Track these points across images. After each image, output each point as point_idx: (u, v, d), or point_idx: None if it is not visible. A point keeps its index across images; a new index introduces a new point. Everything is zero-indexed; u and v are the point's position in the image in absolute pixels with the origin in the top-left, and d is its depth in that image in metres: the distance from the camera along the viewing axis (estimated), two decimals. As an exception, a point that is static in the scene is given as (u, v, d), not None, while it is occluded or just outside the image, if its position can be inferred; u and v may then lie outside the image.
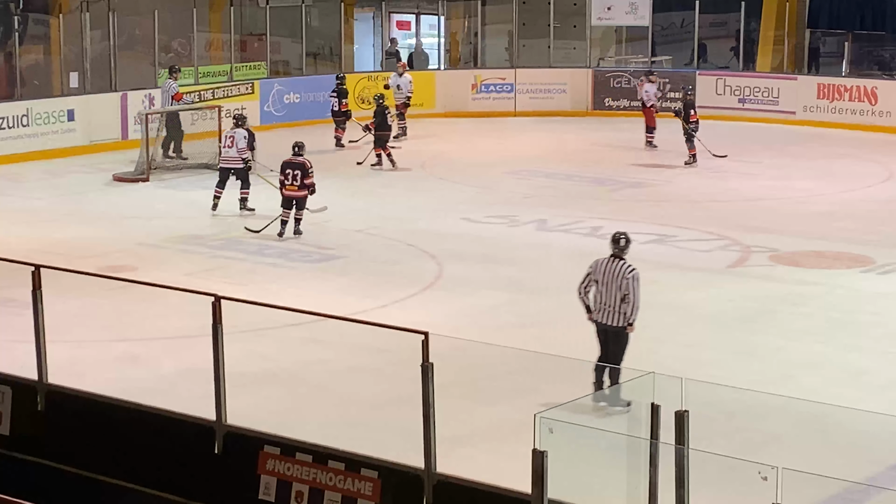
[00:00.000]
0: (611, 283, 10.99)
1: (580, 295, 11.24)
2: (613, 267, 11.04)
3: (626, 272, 10.97)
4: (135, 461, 9.73)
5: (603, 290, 11.01)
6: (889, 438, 9.61)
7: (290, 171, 17.48)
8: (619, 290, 10.95)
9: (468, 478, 8.46)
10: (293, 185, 17.43)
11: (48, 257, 14.69)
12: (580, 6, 30.04)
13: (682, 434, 7.80)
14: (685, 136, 22.71)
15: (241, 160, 18.94)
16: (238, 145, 18.98)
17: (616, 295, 10.96)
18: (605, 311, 11.04)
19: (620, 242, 11.15)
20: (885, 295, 14.57)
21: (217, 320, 9.27)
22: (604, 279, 11.03)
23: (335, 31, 29.47)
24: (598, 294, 11.07)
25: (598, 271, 11.11)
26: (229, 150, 19.12)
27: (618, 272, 10.99)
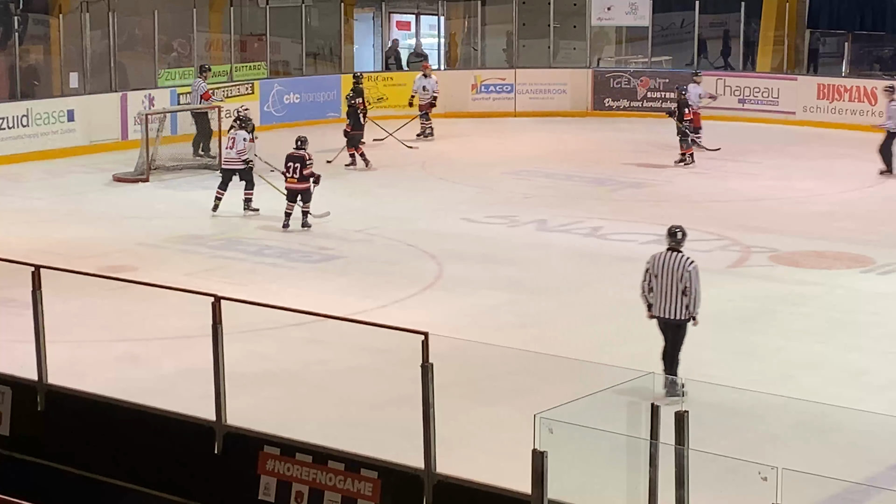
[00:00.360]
0: (670, 277, 11.08)
1: (643, 293, 11.27)
2: (672, 260, 11.16)
3: (685, 265, 11.10)
4: (135, 461, 9.73)
5: (663, 284, 11.09)
6: (889, 438, 9.61)
7: (290, 164, 17.87)
8: (679, 282, 11.05)
9: (468, 478, 8.46)
10: (293, 178, 17.80)
11: (48, 257, 14.69)
12: (580, 6, 30.04)
13: (682, 434, 7.80)
14: (679, 136, 22.71)
15: (242, 161, 18.93)
16: (237, 147, 18.98)
17: (676, 287, 11.06)
18: (666, 304, 11.12)
19: (677, 236, 11.32)
20: (885, 295, 14.57)
21: (217, 320, 9.27)
22: (663, 273, 11.11)
23: (335, 32, 29.47)
24: (657, 288, 11.12)
25: (656, 266, 11.19)
26: (230, 151, 19.16)
27: (677, 265, 11.11)
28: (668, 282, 11.08)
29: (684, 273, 11.07)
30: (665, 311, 11.13)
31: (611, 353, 11.86)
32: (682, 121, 22.66)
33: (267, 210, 19.23)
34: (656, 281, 11.15)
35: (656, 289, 11.14)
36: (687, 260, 11.14)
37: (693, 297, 11.05)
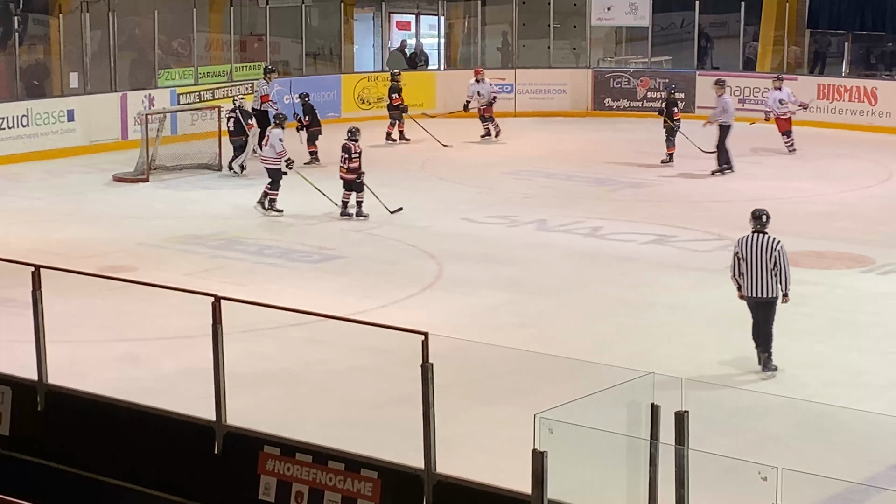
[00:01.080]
0: (760, 258, 11.66)
1: (733, 276, 11.86)
2: (760, 242, 11.74)
3: (774, 245, 11.73)
4: (135, 461, 9.73)
5: (753, 265, 11.67)
6: (889, 438, 9.62)
7: (343, 154, 18.43)
8: (768, 262, 11.65)
9: (468, 478, 8.46)
10: (343, 168, 18.32)
11: (48, 257, 14.69)
12: (580, 6, 30.04)
13: (682, 434, 7.80)
14: (666, 135, 22.73)
15: (279, 161, 19.09)
16: (276, 148, 19.09)
17: (766, 267, 11.65)
18: (753, 284, 11.70)
19: (763, 218, 11.90)
20: (885, 295, 14.57)
21: (217, 320, 9.27)
22: (752, 255, 11.68)
23: (335, 32, 29.47)
24: (747, 269, 11.70)
25: (745, 249, 11.76)
26: (265, 149, 19.40)
27: (766, 246, 11.70)
28: (759, 262, 11.66)
29: (773, 253, 11.66)
30: (757, 291, 11.69)
31: (611, 353, 11.87)
32: (672, 120, 22.67)
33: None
34: (745, 264, 11.71)
35: (746, 270, 11.71)
36: (774, 240, 11.76)
37: (784, 275, 11.68)
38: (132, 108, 24.35)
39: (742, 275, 11.79)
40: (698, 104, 28.42)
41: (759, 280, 11.69)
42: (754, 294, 11.75)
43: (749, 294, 11.78)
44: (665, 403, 7.86)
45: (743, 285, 11.81)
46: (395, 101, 24.94)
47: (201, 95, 25.28)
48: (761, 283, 11.70)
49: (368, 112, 28.13)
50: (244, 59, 28.16)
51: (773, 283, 11.69)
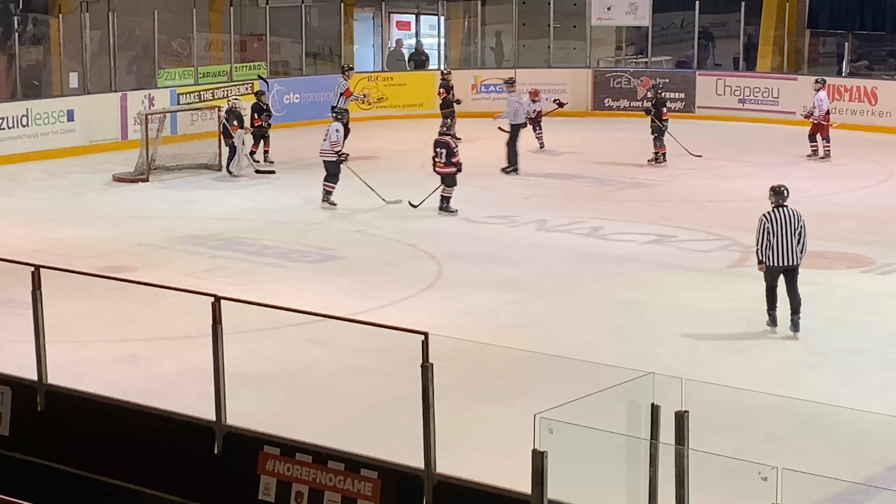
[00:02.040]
0: (787, 228, 12.72)
1: (759, 249, 12.87)
2: (786, 214, 12.80)
3: (799, 216, 12.84)
4: (135, 461, 9.73)
5: (781, 236, 12.72)
6: (889, 439, 9.61)
7: (438, 149, 18.75)
8: (794, 233, 12.72)
9: (468, 478, 8.46)
10: (440, 163, 18.70)
11: (48, 257, 14.70)
12: (580, 6, 30.04)
13: (682, 434, 7.80)
14: (654, 134, 22.75)
15: (335, 153, 19.29)
16: (331, 139, 19.33)
17: (793, 238, 12.72)
18: (784, 254, 12.73)
19: (784, 193, 12.98)
20: (885, 295, 14.57)
21: (217, 320, 9.27)
22: (780, 227, 12.72)
23: (335, 32, 29.48)
24: (776, 241, 12.71)
25: (774, 223, 12.75)
26: (323, 142, 19.58)
27: (792, 217, 12.80)
28: (788, 233, 12.71)
29: (799, 223, 12.79)
30: (787, 260, 12.74)
31: (611, 353, 11.87)
32: (660, 119, 22.70)
33: (268, 209, 19.25)
34: (774, 236, 12.71)
35: (775, 242, 12.71)
36: (798, 212, 12.90)
37: (805, 243, 12.82)
38: (132, 108, 24.36)
39: (771, 246, 12.70)
40: (698, 104, 28.47)
41: (789, 249, 12.70)
42: (784, 263, 12.74)
43: (779, 263, 12.73)
44: (665, 403, 7.86)
45: (772, 256, 12.72)
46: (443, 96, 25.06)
47: (201, 95, 25.30)
48: (791, 252, 12.71)
49: (368, 112, 28.15)
50: (244, 59, 28.17)
51: (798, 252, 12.75)
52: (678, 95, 28.61)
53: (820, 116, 23.35)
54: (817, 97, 23.59)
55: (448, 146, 18.73)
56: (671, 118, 23.20)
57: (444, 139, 18.80)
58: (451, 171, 18.67)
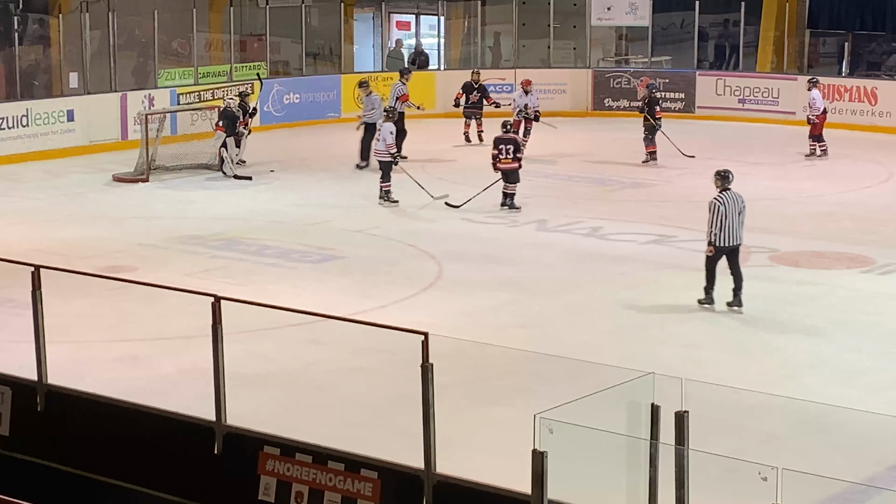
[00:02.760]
0: (736, 210, 13.61)
1: (712, 232, 13.65)
2: (733, 197, 13.69)
3: (741, 198, 13.77)
4: (135, 461, 9.73)
5: (732, 218, 13.56)
6: (889, 439, 9.61)
7: (502, 146, 19.01)
8: (739, 214, 13.61)
9: (468, 478, 8.46)
10: (507, 159, 18.95)
11: (48, 257, 14.70)
12: (580, 6, 30.04)
13: (682, 434, 7.80)
14: (647, 134, 22.78)
15: (390, 154, 19.43)
16: (385, 140, 19.47)
17: (739, 218, 13.62)
18: (733, 234, 13.61)
19: (729, 177, 13.86)
20: (885, 295, 14.57)
21: (217, 320, 9.27)
22: (729, 209, 13.57)
23: (335, 32, 29.46)
24: (728, 223, 13.55)
25: (728, 205, 13.59)
26: (377, 143, 19.74)
27: (737, 200, 13.69)
28: (736, 214, 13.58)
29: (742, 204, 13.70)
30: (735, 239, 13.63)
31: (611, 353, 11.87)
32: (654, 118, 22.73)
33: (268, 209, 19.25)
34: (726, 219, 13.51)
35: (727, 224, 13.53)
36: (740, 194, 13.77)
37: (743, 222, 13.71)
38: (132, 108, 24.35)
39: (724, 228, 13.49)
40: (698, 104, 28.47)
41: (737, 230, 13.60)
42: (732, 242, 13.63)
43: (729, 243, 13.59)
44: (665, 403, 7.86)
45: (724, 237, 13.53)
46: (472, 99, 25.06)
47: (201, 95, 25.29)
48: (738, 233, 13.63)
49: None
50: (244, 59, 28.15)
51: (741, 232, 13.70)
52: (678, 95, 28.63)
53: (814, 115, 23.38)
54: (810, 96, 23.71)
55: (515, 142, 19.13)
56: (670, 118, 23.25)
57: (509, 136, 19.14)
58: (516, 167, 18.97)
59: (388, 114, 20.09)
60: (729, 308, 13.81)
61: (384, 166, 19.53)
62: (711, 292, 13.79)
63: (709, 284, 13.80)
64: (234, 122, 21.83)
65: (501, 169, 19.04)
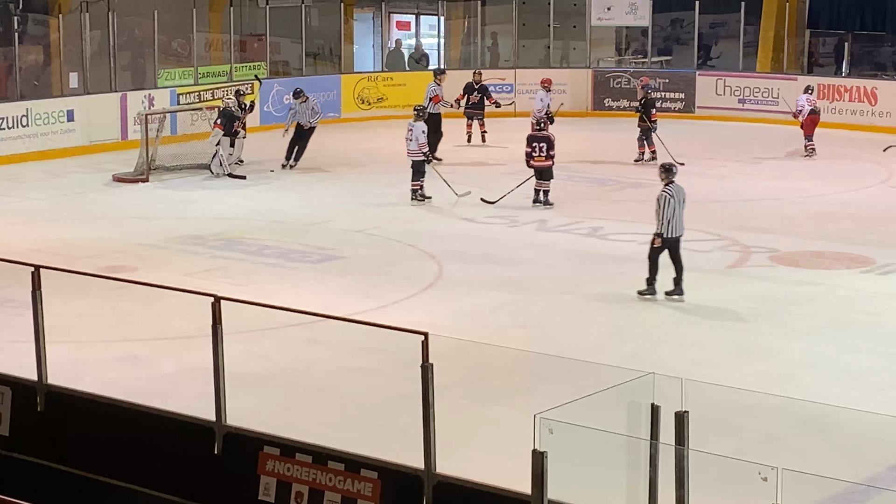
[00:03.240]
0: (683, 201, 13.99)
1: (661, 223, 13.91)
2: (679, 190, 14.04)
3: (684, 191, 14.12)
4: (135, 461, 9.73)
5: (679, 209, 13.93)
6: (889, 439, 9.61)
7: (535, 143, 19.17)
8: (683, 205, 14.01)
9: (468, 478, 8.46)
10: (540, 157, 19.14)
11: (48, 257, 14.70)
12: (580, 6, 30.05)
13: (682, 434, 7.80)
14: (643, 134, 22.81)
15: (422, 153, 19.57)
16: (417, 140, 19.59)
17: (682, 210, 13.99)
18: (679, 225, 13.94)
19: (674, 170, 14.28)
20: (885, 295, 14.57)
21: (217, 320, 9.27)
22: (677, 202, 13.91)
23: (335, 32, 29.48)
24: (676, 214, 13.89)
25: (676, 197, 13.93)
26: (410, 143, 19.81)
27: (682, 192, 14.07)
28: (680, 206, 13.94)
29: (684, 196, 14.05)
30: (680, 230, 13.97)
31: (611, 353, 11.87)
32: (650, 119, 22.74)
33: (268, 209, 19.26)
34: (674, 210, 13.83)
35: (676, 215, 13.88)
36: (682, 187, 14.13)
37: None
38: (132, 108, 24.36)
39: (671, 220, 13.84)
40: (698, 104, 28.47)
41: (681, 221, 13.99)
42: (679, 233, 14.00)
43: (675, 234, 13.94)
44: (665, 403, 7.86)
45: (671, 228, 13.87)
46: (473, 100, 25.06)
47: (201, 95, 25.30)
48: (682, 224, 14.02)
49: (368, 112, 28.16)
50: (244, 59, 28.17)
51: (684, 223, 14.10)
52: (678, 95, 28.64)
53: (802, 118, 23.81)
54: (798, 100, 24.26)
55: (549, 140, 19.20)
56: (671, 118, 23.23)
57: (543, 134, 19.25)
58: (550, 164, 19.14)
59: (418, 113, 20.18)
60: (668, 297, 14.08)
61: (416, 165, 19.63)
62: (654, 283, 14.11)
63: (651, 276, 14.12)
64: (231, 122, 21.85)
65: (535, 166, 19.19)
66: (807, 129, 23.78)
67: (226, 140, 21.75)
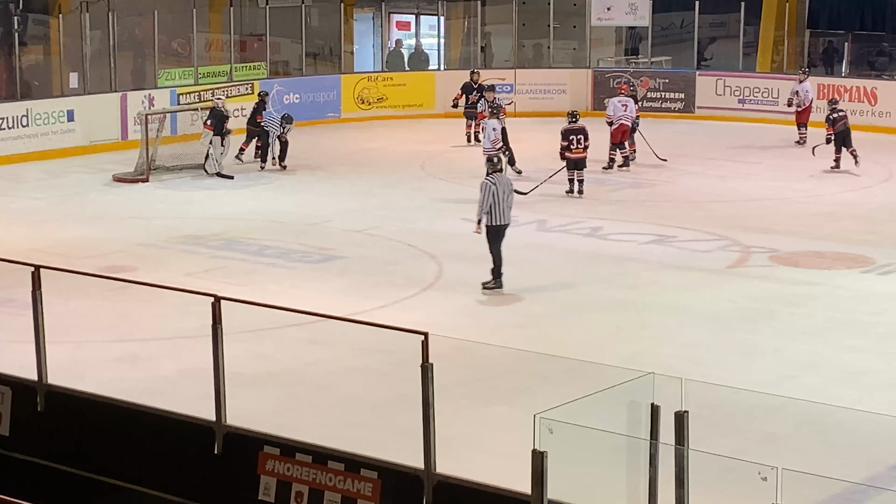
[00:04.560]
0: (505, 192, 14.51)
1: (482, 211, 14.46)
2: (503, 180, 14.68)
3: (510, 183, 14.92)
4: (135, 461, 9.73)
5: (502, 200, 14.46)
6: (889, 439, 9.61)
7: (573, 136, 19.85)
8: (509, 196, 14.59)
9: (468, 478, 8.46)
10: (578, 148, 19.86)
11: (48, 257, 14.71)
12: (580, 6, 30.04)
13: (682, 434, 7.80)
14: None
15: (497, 150, 19.80)
16: (489, 137, 20.01)
17: (507, 201, 14.54)
18: (503, 214, 14.50)
19: (494, 160, 15.26)
20: (885, 295, 14.57)
21: (217, 320, 9.26)
22: (500, 191, 14.45)
23: (335, 32, 29.47)
24: (498, 203, 14.41)
25: (499, 188, 14.46)
26: (485, 140, 20.26)
27: (507, 183, 14.74)
28: (505, 196, 14.48)
29: (510, 188, 14.75)
30: (504, 219, 14.54)
31: (611, 353, 11.87)
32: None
33: (268, 209, 19.26)
34: (496, 199, 14.38)
35: (498, 204, 14.41)
36: (509, 179, 15.00)
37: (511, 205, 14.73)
38: (132, 108, 24.36)
39: (494, 207, 14.39)
40: (698, 104, 28.47)
41: (506, 211, 14.52)
42: (503, 222, 14.52)
43: (500, 222, 14.48)
44: (665, 403, 7.86)
45: (494, 217, 14.42)
46: (471, 100, 25.12)
47: (201, 95, 25.30)
48: (507, 214, 14.53)
49: (368, 112, 28.16)
50: (244, 59, 28.16)
51: (510, 213, 14.64)
52: (678, 95, 28.63)
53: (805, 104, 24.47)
54: (803, 87, 24.59)
55: (584, 131, 19.90)
56: (670, 118, 23.21)
57: (578, 126, 19.88)
58: (586, 156, 19.87)
59: (493, 111, 20.70)
60: (484, 288, 14.53)
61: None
62: (500, 276, 14.55)
63: (499, 266, 14.53)
64: (221, 122, 21.87)
65: (573, 158, 19.77)
66: (806, 117, 24.36)
67: (217, 140, 21.78)
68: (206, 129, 21.88)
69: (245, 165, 22.48)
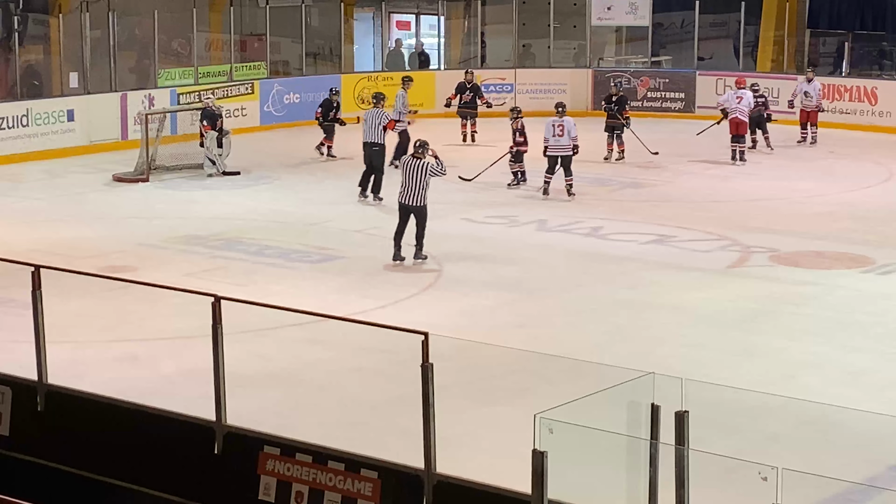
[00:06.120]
0: (417, 175, 15.49)
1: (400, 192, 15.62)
2: (419, 164, 15.52)
3: (425, 168, 15.60)
4: (135, 461, 9.73)
5: (409, 180, 15.53)
6: (889, 439, 9.60)
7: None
8: (421, 178, 15.51)
9: (468, 478, 8.46)
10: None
11: (48, 257, 14.70)
12: (580, 6, 30.04)
13: (682, 434, 7.80)
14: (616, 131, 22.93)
15: (573, 148, 20.00)
16: (570, 134, 20.01)
17: (419, 182, 15.49)
18: (411, 195, 15.51)
19: (420, 150, 15.77)
20: (885, 295, 14.57)
21: (217, 320, 9.26)
22: (411, 172, 15.52)
23: (335, 31, 29.47)
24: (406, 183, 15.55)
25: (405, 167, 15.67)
26: (560, 138, 20.12)
27: (423, 167, 15.52)
28: (415, 178, 15.49)
29: (424, 174, 15.52)
30: (410, 200, 15.56)
31: (610, 353, 11.87)
32: (622, 117, 22.83)
33: (268, 209, 19.26)
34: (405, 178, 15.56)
35: (406, 184, 15.56)
36: (425, 163, 15.59)
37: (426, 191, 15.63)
38: (132, 108, 24.35)
39: (403, 186, 15.54)
40: (698, 104, 28.46)
41: (414, 191, 15.45)
42: (408, 202, 15.56)
43: (406, 202, 15.58)
44: (665, 403, 7.86)
45: (402, 194, 15.60)
46: (465, 99, 25.10)
47: (201, 95, 25.29)
48: (415, 194, 15.47)
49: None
50: (244, 59, 28.16)
51: (423, 195, 15.53)
52: (678, 95, 28.63)
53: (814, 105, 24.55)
54: (814, 86, 24.69)
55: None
56: (670, 118, 23.22)
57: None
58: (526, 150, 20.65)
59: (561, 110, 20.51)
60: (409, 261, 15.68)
61: (565, 161, 19.97)
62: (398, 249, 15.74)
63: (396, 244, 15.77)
64: (213, 120, 21.87)
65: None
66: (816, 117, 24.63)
67: (213, 141, 21.77)
68: (207, 131, 21.85)
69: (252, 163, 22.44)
